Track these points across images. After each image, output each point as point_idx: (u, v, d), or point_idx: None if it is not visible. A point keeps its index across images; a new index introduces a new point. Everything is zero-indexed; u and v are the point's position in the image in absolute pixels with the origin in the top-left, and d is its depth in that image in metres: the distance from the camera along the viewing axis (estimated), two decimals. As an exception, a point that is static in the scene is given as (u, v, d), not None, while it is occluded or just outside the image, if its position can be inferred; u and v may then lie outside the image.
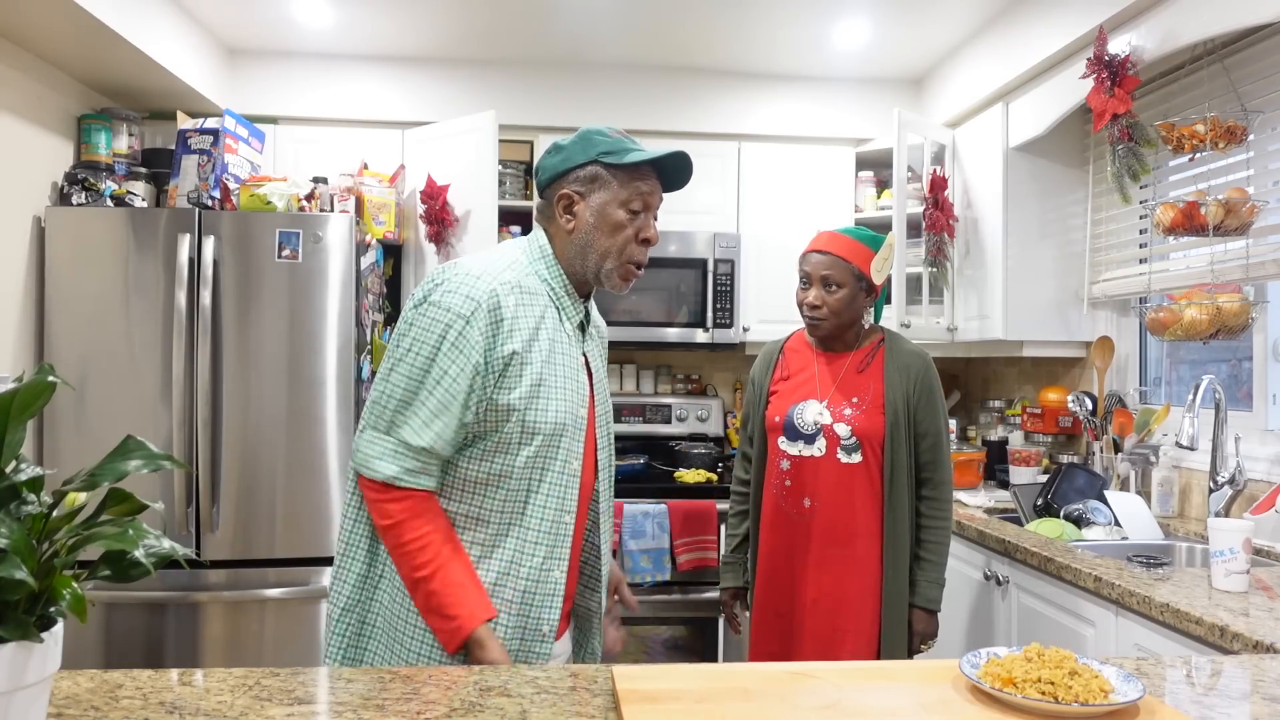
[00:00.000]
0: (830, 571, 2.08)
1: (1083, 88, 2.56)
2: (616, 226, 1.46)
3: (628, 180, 1.45)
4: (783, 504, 2.13)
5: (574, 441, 1.44)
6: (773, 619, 2.16)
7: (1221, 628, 1.55)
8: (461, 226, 3.33)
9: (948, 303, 3.39)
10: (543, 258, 1.48)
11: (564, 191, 1.47)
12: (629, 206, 1.46)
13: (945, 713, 1.05)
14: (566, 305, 1.48)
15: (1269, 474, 2.36)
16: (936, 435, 2.11)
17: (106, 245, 2.85)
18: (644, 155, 1.45)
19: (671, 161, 1.48)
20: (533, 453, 1.40)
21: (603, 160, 1.45)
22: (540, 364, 1.40)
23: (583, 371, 1.49)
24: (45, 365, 0.89)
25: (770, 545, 2.16)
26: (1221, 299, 2.28)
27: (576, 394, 1.45)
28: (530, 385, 1.39)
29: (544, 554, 1.42)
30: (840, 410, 2.10)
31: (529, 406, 1.39)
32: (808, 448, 2.10)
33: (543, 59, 3.59)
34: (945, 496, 2.11)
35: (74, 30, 2.65)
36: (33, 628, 0.83)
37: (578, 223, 1.46)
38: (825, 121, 3.73)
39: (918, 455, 2.10)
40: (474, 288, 1.38)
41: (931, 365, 2.13)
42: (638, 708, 1.04)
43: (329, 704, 1.09)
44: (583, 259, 1.47)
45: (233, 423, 2.87)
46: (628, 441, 3.80)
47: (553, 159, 1.49)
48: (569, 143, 1.48)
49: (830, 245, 2.10)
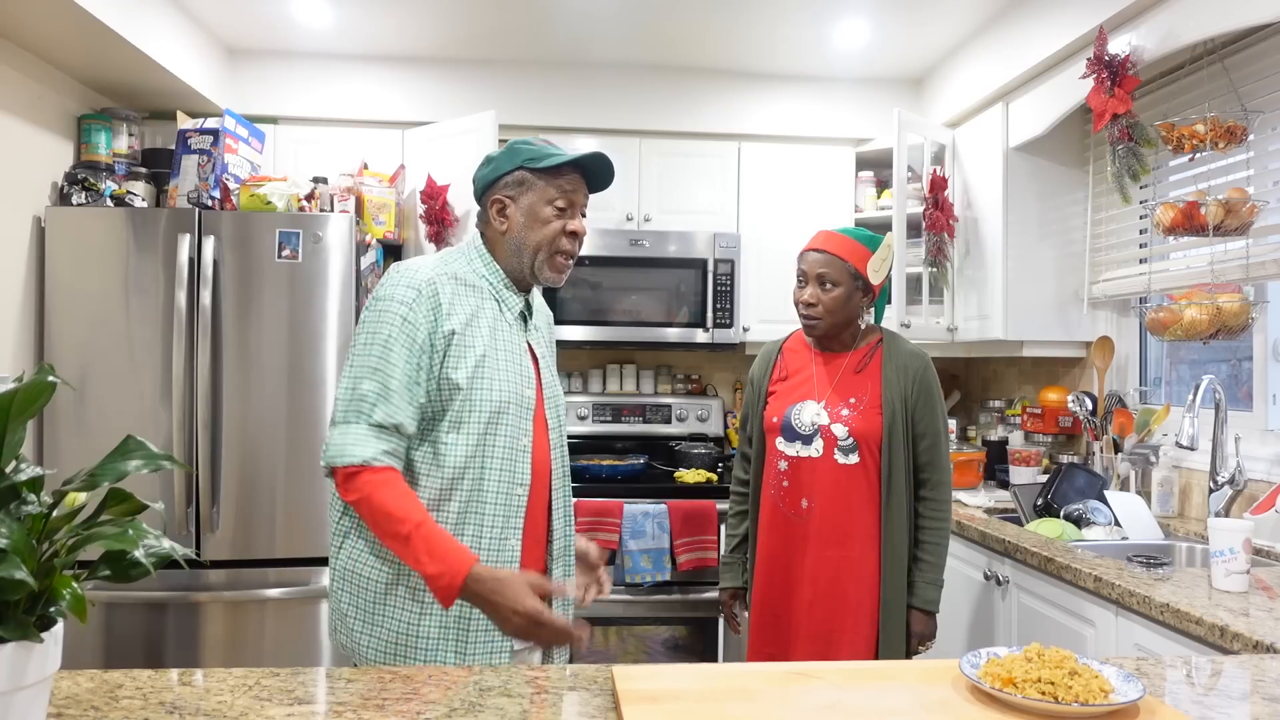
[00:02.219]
0: (827, 573, 2.08)
1: (1083, 88, 2.56)
2: (544, 222, 1.61)
3: (551, 180, 1.61)
4: (780, 505, 2.13)
5: (520, 419, 1.58)
6: (770, 620, 2.16)
7: (1221, 628, 1.55)
8: (461, 226, 3.33)
9: (948, 303, 3.39)
10: (479, 256, 1.65)
11: (496, 197, 1.63)
12: (554, 204, 1.61)
13: (945, 713, 1.05)
14: (506, 296, 1.64)
15: (1269, 474, 2.36)
16: (935, 435, 2.10)
17: (106, 245, 2.85)
18: (564, 157, 1.61)
19: (591, 161, 1.63)
20: (482, 429, 1.54)
21: (527, 166, 1.61)
22: (483, 346, 1.56)
23: (526, 356, 1.64)
24: (45, 365, 0.89)
25: (768, 546, 2.16)
26: (1221, 299, 2.28)
27: (520, 375, 1.60)
28: (474, 364, 1.54)
29: (500, 525, 1.55)
30: (838, 411, 2.09)
31: (473, 385, 1.53)
32: (805, 448, 2.10)
33: (543, 59, 3.59)
34: (944, 497, 2.10)
35: (74, 30, 2.65)
36: (33, 628, 0.84)
37: (510, 224, 1.62)
38: (825, 121, 3.73)
39: (916, 456, 2.10)
40: (414, 278, 1.54)
41: (930, 365, 2.12)
42: (638, 708, 1.04)
43: (329, 704, 1.09)
44: (518, 256, 1.63)
45: (233, 423, 2.87)
46: (628, 441, 3.80)
47: (484, 170, 1.65)
48: (498, 154, 1.64)
49: (827, 244, 2.11)
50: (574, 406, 3.75)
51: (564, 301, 3.43)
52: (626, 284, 3.49)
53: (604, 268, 3.45)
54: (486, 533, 1.54)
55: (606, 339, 3.50)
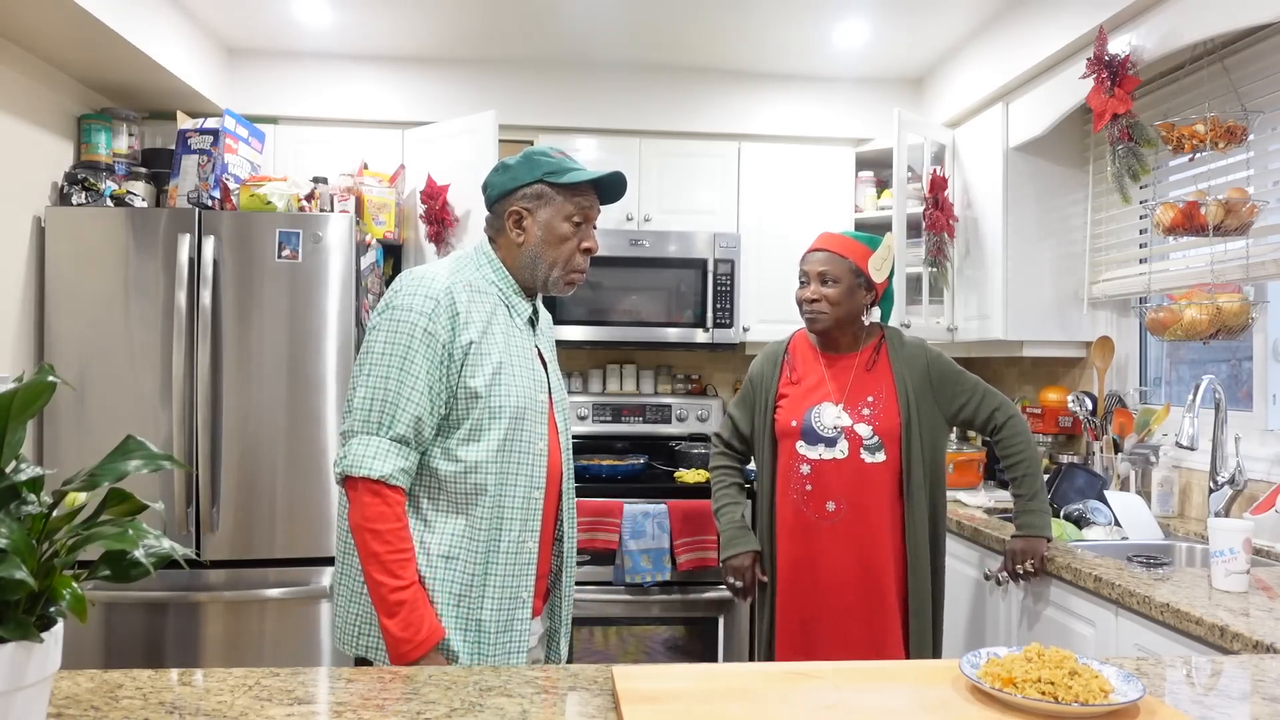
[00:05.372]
0: (857, 574, 2.07)
1: (1083, 88, 2.55)
2: (562, 239, 1.61)
3: (570, 196, 1.61)
4: (804, 509, 2.11)
5: (536, 424, 1.59)
6: (798, 628, 2.12)
7: (1221, 628, 1.55)
8: (461, 226, 3.33)
9: (948, 303, 3.39)
10: (489, 263, 1.63)
11: (514, 208, 1.61)
12: (572, 220, 1.61)
13: (945, 713, 1.05)
14: (515, 302, 1.63)
15: (1269, 474, 2.36)
16: (971, 391, 2.16)
17: (106, 245, 2.85)
18: (585, 175, 1.61)
19: (608, 179, 1.64)
20: (503, 435, 1.54)
21: (548, 180, 1.60)
22: (499, 353, 1.55)
23: (537, 361, 1.65)
24: (45, 365, 0.89)
25: (791, 554, 2.13)
26: (1221, 299, 2.28)
27: (533, 380, 1.60)
28: (491, 371, 1.54)
29: (519, 528, 1.56)
30: (858, 411, 2.11)
31: (492, 393, 1.53)
32: (829, 450, 2.09)
33: (543, 59, 3.59)
34: (1015, 430, 2.15)
35: (74, 30, 2.65)
36: (33, 628, 0.83)
37: (527, 237, 1.61)
38: (825, 121, 3.73)
39: (973, 419, 2.16)
40: (431, 287, 1.53)
41: (930, 348, 2.19)
42: (638, 708, 1.04)
43: (329, 704, 1.09)
44: (532, 269, 1.63)
45: (233, 423, 2.87)
46: (628, 441, 3.80)
47: (500, 177, 1.63)
48: (515, 162, 1.62)
49: (827, 243, 2.16)
50: (574, 406, 3.75)
51: (564, 302, 3.43)
52: (627, 284, 3.49)
53: (604, 268, 3.45)
54: (506, 536, 1.55)
55: (607, 339, 3.50)
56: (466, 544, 1.52)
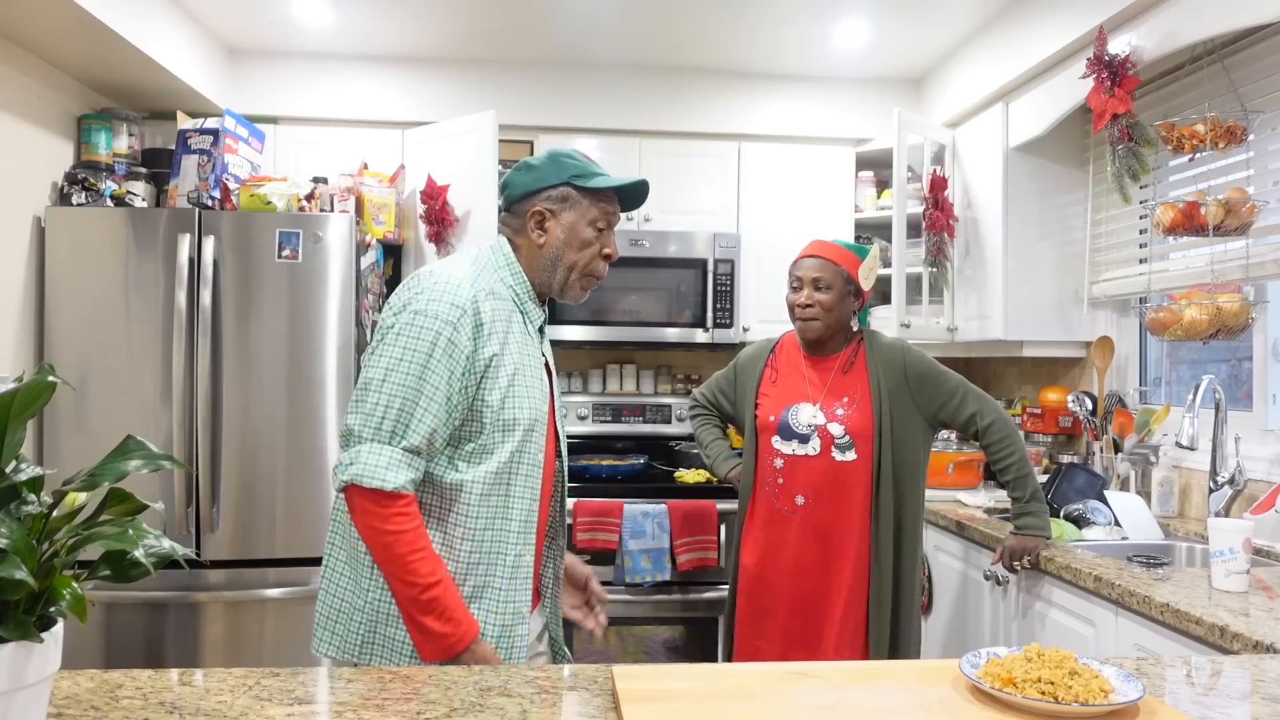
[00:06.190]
0: (820, 569, 2.14)
1: (1083, 88, 2.55)
2: (585, 243, 1.58)
3: (596, 201, 1.58)
4: (775, 501, 2.20)
5: (541, 437, 1.55)
6: (760, 618, 2.20)
7: (1221, 628, 1.55)
8: (461, 226, 3.33)
9: (948, 303, 3.39)
10: (508, 265, 1.58)
11: (538, 209, 1.57)
12: (596, 225, 1.58)
13: (945, 713, 1.05)
14: (530, 309, 1.59)
15: (1269, 474, 2.36)
16: (953, 393, 2.17)
17: (106, 245, 2.85)
18: (613, 181, 1.58)
19: (633, 187, 1.61)
20: (514, 449, 1.49)
21: (575, 183, 1.56)
22: (513, 363, 1.51)
23: (544, 370, 1.61)
24: (45, 365, 0.89)
25: (759, 542, 2.21)
26: (1221, 299, 2.28)
27: (541, 391, 1.56)
28: (506, 385, 1.49)
29: (519, 542, 1.52)
30: (833, 410, 2.17)
31: (505, 405, 1.49)
32: (802, 446, 2.17)
33: (543, 59, 3.59)
34: (1002, 432, 2.15)
35: (74, 30, 2.65)
36: (33, 628, 0.83)
37: (549, 238, 1.57)
38: (825, 121, 3.72)
39: (955, 419, 2.17)
40: (457, 295, 1.46)
41: (909, 348, 2.21)
42: (638, 708, 1.04)
43: (329, 704, 1.09)
44: (551, 271, 1.59)
45: (233, 423, 2.87)
46: (628, 441, 3.80)
47: (525, 176, 1.58)
48: (540, 162, 1.58)
49: (820, 251, 2.22)
50: (574, 406, 3.75)
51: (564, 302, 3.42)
52: (626, 284, 3.49)
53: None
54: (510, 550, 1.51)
55: (606, 339, 3.50)
56: (465, 555, 1.48)
